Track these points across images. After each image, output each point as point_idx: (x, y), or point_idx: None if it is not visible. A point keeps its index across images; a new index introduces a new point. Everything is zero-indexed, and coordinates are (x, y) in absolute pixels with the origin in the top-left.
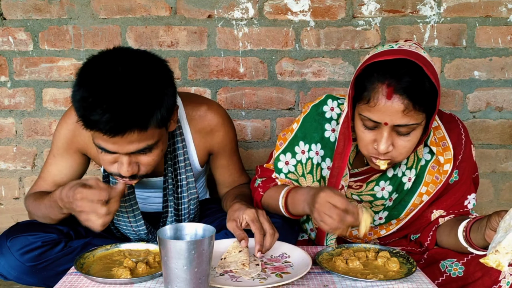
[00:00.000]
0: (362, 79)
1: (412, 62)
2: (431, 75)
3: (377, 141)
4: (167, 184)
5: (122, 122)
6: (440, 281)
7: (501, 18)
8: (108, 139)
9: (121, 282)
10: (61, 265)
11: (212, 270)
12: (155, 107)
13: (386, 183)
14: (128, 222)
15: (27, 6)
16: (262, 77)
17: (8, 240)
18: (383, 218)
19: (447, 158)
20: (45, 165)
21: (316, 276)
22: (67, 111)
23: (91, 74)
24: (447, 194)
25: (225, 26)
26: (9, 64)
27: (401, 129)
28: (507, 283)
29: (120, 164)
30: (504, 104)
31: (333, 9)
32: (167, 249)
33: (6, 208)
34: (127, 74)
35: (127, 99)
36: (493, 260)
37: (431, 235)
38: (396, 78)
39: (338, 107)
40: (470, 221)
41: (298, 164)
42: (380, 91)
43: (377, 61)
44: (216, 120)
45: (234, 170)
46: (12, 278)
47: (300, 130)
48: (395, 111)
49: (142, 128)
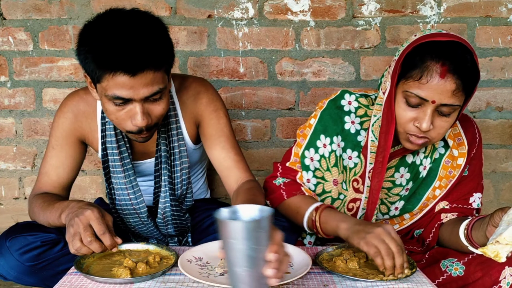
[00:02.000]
0: (412, 58)
1: (463, 45)
2: (477, 61)
3: (418, 119)
4: (159, 153)
5: (141, 59)
6: (441, 281)
7: (501, 18)
8: (126, 82)
9: (121, 282)
10: (60, 265)
11: (212, 270)
12: (166, 48)
13: (405, 170)
14: (129, 200)
15: (27, 6)
16: (262, 77)
17: (8, 240)
18: (398, 209)
19: (462, 152)
20: (44, 160)
21: (316, 276)
22: (62, 103)
23: (101, 26)
24: (455, 187)
25: (225, 26)
26: (9, 64)
27: (444, 109)
28: (507, 283)
29: (134, 116)
30: (504, 104)
31: (333, 9)
32: (236, 230)
33: (6, 208)
34: (136, 21)
35: (142, 40)
36: (491, 250)
37: (434, 232)
38: (451, 59)
39: (355, 101)
40: (473, 219)
41: (322, 159)
42: (434, 69)
43: (429, 41)
44: (199, 88)
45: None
46: (11, 278)
47: (319, 123)
48: (446, 90)
49: (156, 67)
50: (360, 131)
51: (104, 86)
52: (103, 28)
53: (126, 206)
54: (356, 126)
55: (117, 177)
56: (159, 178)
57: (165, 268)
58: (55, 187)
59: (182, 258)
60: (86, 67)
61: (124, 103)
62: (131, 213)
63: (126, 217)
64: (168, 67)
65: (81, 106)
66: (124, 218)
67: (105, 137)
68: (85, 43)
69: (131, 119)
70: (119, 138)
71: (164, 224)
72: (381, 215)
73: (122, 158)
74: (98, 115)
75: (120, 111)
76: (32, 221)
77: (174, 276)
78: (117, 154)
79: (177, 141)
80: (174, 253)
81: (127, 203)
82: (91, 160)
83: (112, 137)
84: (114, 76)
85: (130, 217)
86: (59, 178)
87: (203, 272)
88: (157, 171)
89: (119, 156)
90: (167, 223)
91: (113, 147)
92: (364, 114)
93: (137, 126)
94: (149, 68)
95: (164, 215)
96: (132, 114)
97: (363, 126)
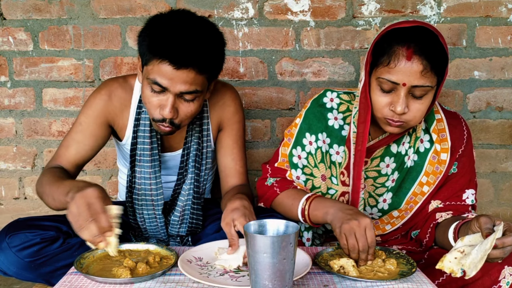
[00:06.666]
0: (381, 45)
1: (428, 30)
2: (444, 43)
3: (393, 103)
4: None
5: (190, 55)
6: (440, 281)
7: (501, 18)
8: (168, 72)
9: (121, 282)
10: (60, 261)
11: (212, 270)
12: (216, 58)
13: (390, 160)
14: (149, 190)
15: (27, 6)
16: (262, 77)
17: (8, 237)
18: (386, 202)
19: (444, 147)
20: (68, 134)
21: (316, 276)
22: (100, 85)
23: (168, 18)
24: (445, 185)
25: (225, 26)
26: (9, 64)
27: (416, 91)
28: (507, 283)
29: (164, 106)
30: (504, 104)
31: (333, 9)
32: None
33: (6, 208)
34: (202, 25)
35: (198, 42)
36: (447, 267)
37: (430, 232)
38: (415, 41)
39: (337, 97)
40: (459, 223)
41: (309, 156)
42: (400, 53)
43: (396, 28)
44: (228, 95)
45: (237, 157)
46: (11, 273)
47: (304, 122)
48: (414, 72)
49: (200, 69)
50: (344, 126)
51: (149, 69)
52: (169, 21)
53: (145, 197)
54: (339, 121)
55: (143, 167)
56: (183, 173)
57: (165, 268)
58: (70, 162)
59: (182, 258)
60: (140, 48)
61: (160, 92)
62: (148, 204)
63: (141, 208)
64: (212, 76)
65: (118, 91)
66: (137, 210)
67: (138, 126)
68: (148, 28)
69: (160, 108)
70: (152, 129)
71: (179, 222)
72: (369, 208)
73: (151, 149)
74: (133, 105)
75: (154, 97)
76: (32, 217)
77: (174, 276)
78: (148, 144)
79: (206, 142)
80: (174, 253)
81: (147, 193)
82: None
83: (146, 127)
84: (160, 63)
85: (145, 209)
86: (77, 153)
87: (203, 272)
88: (182, 167)
89: (150, 146)
90: (183, 220)
91: (145, 137)
92: (346, 110)
93: (163, 116)
94: (194, 67)
95: (183, 212)
96: (162, 104)
97: (346, 121)
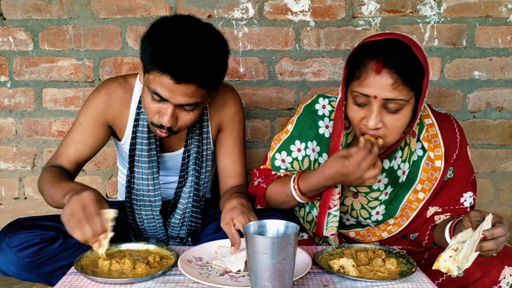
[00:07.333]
0: (355, 60)
1: (401, 42)
2: (419, 55)
3: (366, 117)
4: (188, 152)
5: (192, 71)
6: (440, 281)
7: (501, 18)
8: (168, 85)
9: (121, 282)
10: (59, 261)
11: (212, 270)
12: (218, 72)
13: (382, 176)
14: (147, 191)
15: (27, 6)
16: (262, 77)
17: (7, 237)
18: (380, 214)
19: (438, 154)
20: (68, 133)
21: (316, 276)
22: (100, 85)
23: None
24: (442, 191)
25: (225, 26)
26: (9, 64)
27: (390, 105)
28: (507, 283)
29: (163, 114)
30: (504, 104)
31: (333, 9)
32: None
33: (6, 208)
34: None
35: (200, 56)
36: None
37: (428, 234)
38: (385, 54)
39: (329, 104)
40: (454, 221)
41: (294, 161)
42: (370, 67)
43: (369, 41)
44: (229, 95)
45: (237, 158)
46: (11, 273)
47: (295, 129)
48: (384, 85)
49: (201, 84)
50: None
51: (150, 78)
52: (173, 30)
53: (143, 197)
54: (330, 130)
55: (141, 167)
56: (184, 176)
57: (165, 268)
58: (70, 161)
59: (182, 258)
60: (143, 55)
61: (160, 100)
62: (146, 205)
63: (139, 209)
64: (213, 88)
65: (118, 92)
66: (136, 210)
67: (138, 126)
68: (152, 36)
69: (159, 115)
70: (150, 130)
71: (179, 224)
72: (363, 219)
73: (149, 150)
74: (133, 105)
75: (154, 104)
76: (31, 217)
77: (174, 276)
78: (146, 145)
79: (206, 144)
80: (174, 253)
81: (145, 194)
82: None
83: (145, 127)
84: (161, 75)
85: (143, 210)
86: (76, 153)
87: (203, 272)
88: (183, 169)
89: (148, 147)
90: (183, 223)
91: (143, 137)
92: None
93: (161, 123)
94: (194, 83)
95: (184, 214)
96: (162, 112)
97: None
